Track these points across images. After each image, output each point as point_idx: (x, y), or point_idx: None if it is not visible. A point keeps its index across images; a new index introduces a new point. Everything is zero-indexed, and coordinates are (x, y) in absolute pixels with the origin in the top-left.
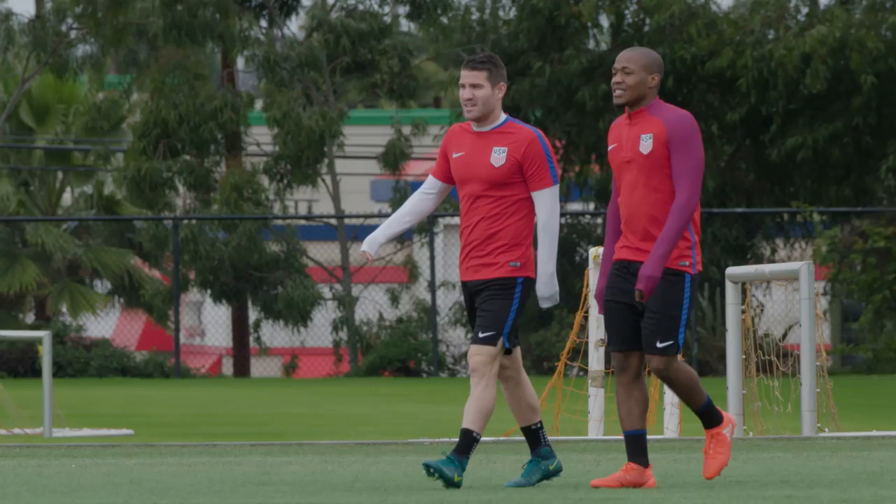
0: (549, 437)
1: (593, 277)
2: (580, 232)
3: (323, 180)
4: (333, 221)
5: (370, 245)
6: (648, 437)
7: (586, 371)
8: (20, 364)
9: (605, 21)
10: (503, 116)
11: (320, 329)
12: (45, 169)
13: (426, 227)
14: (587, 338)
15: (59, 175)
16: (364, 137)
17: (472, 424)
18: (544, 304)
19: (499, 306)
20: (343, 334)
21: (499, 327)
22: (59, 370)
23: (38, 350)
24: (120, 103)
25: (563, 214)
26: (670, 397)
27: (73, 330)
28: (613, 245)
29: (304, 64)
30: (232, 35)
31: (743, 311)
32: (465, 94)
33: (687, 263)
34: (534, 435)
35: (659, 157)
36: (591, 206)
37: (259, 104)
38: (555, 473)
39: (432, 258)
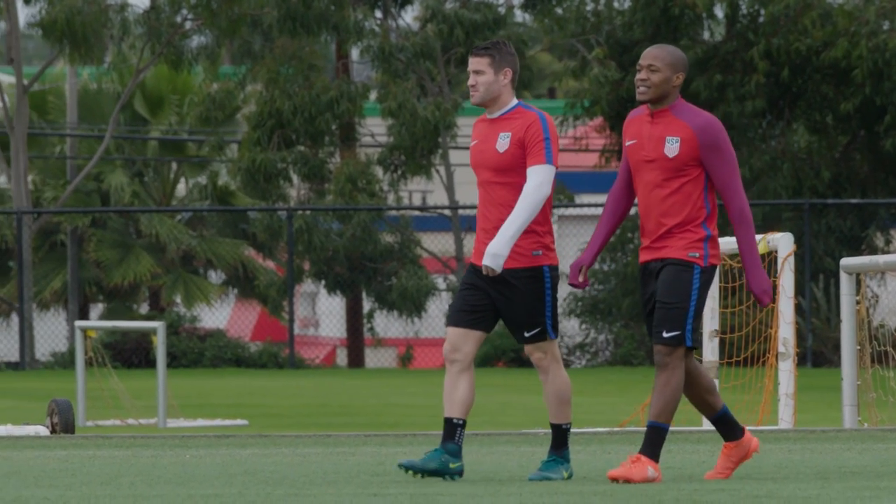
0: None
1: None
2: None
3: (437, 171)
4: (447, 212)
5: (496, 261)
6: (760, 427)
7: (700, 361)
8: (135, 355)
9: (719, 11)
10: (513, 102)
11: (434, 320)
12: (160, 160)
13: None
14: (701, 328)
15: (174, 166)
16: None
17: (558, 418)
18: (486, 260)
19: (534, 301)
20: None
21: (540, 321)
22: (174, 361)
23: (153, 341)
24: (234, 94)
25: None
26: (784, 387)
27: (187, 320)
28: (605, 228)
29: (418, 55)
30: (346, 26)
31: (858, 302)
32: (469, 80)
33: (697, 255)
34: (452, 429)
35: (684, 161)
36: None
37: (373, 95)
38: (452, 473)
39: None
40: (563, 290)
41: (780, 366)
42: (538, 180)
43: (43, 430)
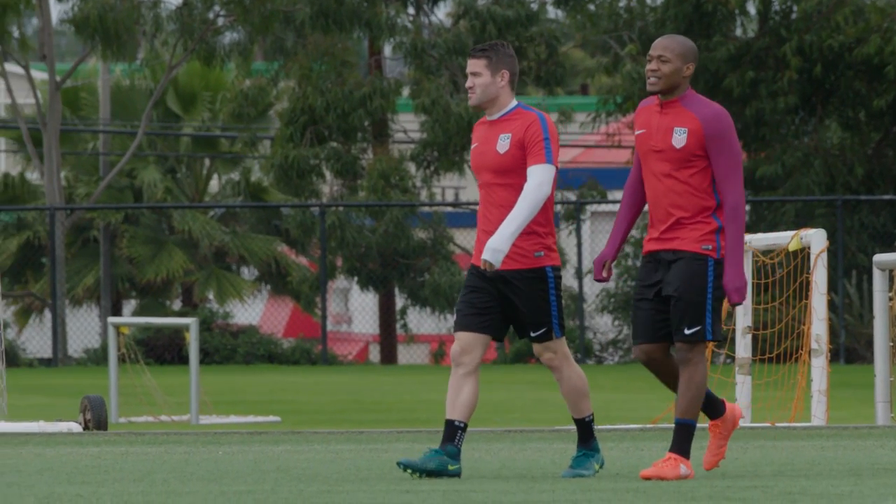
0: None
1: None
2: None
3: (469, 167)
4: None
5: (496, 257)
6: (793, 424)
7: (733, 358)
8: (167, 351)
9: (752, 8)
10: (513, 103)
11: None
12: (192, 156)
13: (573, 214)
14: (734, 325)
15: (206, 162)
16: None
17: (579, 413)
18: (486, 255)
19: (539, 301)
20: None
21: (546, 321)
22: (206, 357)
23: (185, 337)
24: (267, 90)
25: None
26: (817, 384)
27: (219, 317)
28: (625, 220)
29: (451, 51)
30: (379, 22)
31: (891, 299)
32: (467, 82)
33: (710, 247)
34: (453, 431)
35: (692, 151)
36: None
37: (406, 91)
38: (450, 474)
39: (579, 245)
40: (596, 286)
41: (813, 362)
42: (538, 180)
43: (76, 427)
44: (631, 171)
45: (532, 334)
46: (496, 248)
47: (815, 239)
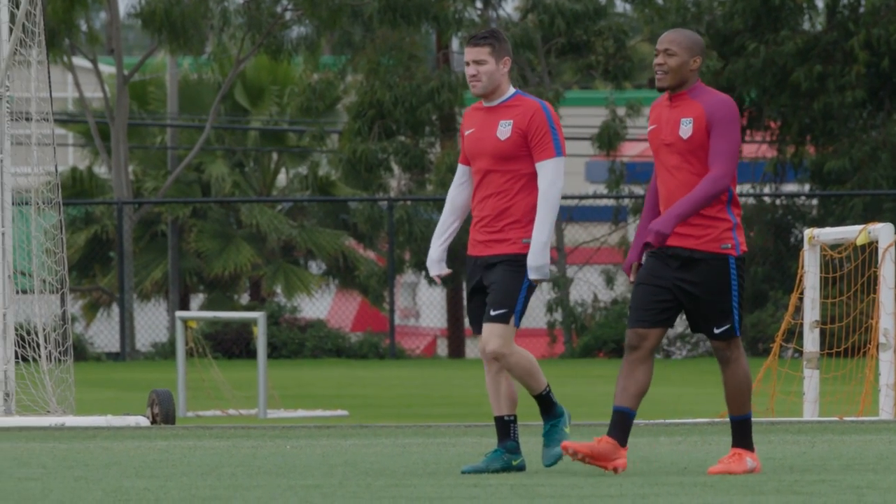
0: (765, 419)
1: (809, 258)
2: (795, 213)
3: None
4: None
5: (435, 266)
6: (861, 418)
7: (801, 352)
8: (235, 345)
9: (819, 2)
10: (511, 90)
11: (535, 310)
12: (260, 150)
13: (641, 206)
14: (802, 319)
15: (274, 156)
16: (579, 118)
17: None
18: (532, 275)
19: (510, 282)
20: (558, 315)
21: (510, 303)
22: (274, 351)
23: (253, 331)
24: (335, 84)
25: (777, 195)
26: (885, 378)
27: (287, 311)
28: (649, 221)
29: (518, 45)
30: (447, 16)
31: None
32: (469, 70)
33: (729, 246)
34: (505, 427)
35: (699, 141)
36: (806, 187)
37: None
38: (516, 469)
39: None
40: None
41: (881, 356)
42: (550, 177)
43: (143, 421)
44: (652, 174)
45: (492, 313)
46: (538, 265)
47: (883, 233)
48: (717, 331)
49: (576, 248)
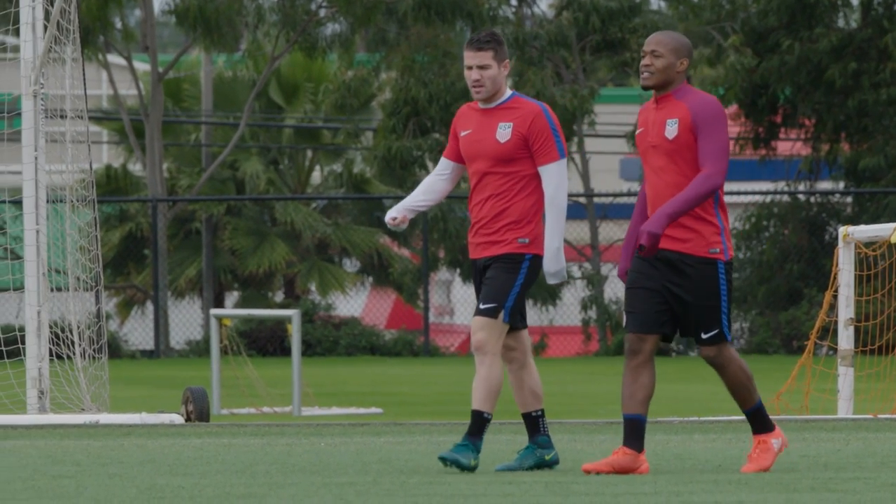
0: (800, 416)
1: (843, 256)
2: (829, 211)
3: (572, 158)
4: (583, 200)
5: (398, 210)
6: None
7: (836, 350)
8: (269, 343)
9: None
10: (509, 92)
11: (569, 308)
12: (295, 147)
13: None
14: (836, 317)
15: (309, 153)
16: (613, 116)
17: (482, 405)
18: (551, 280)
19: (504, 279)
20: (592, 313)
21: (500, 299)
22: (308, 349)
23: (288, 329)
24: (369, 82)
25: (811, 193)
26: None
27: (322, 308)
28: (637, 227)
29: (553, 42)
30: (481, 14)
31: None
32: (472, 75)
33: (717, 251)
34: (534, 422)
35: (684, 142)
36: (841, 184)
37: (509, 83)
38: (549, 464)
39: None
40: None
41: None
42: (556, 181)
43: (178, 419)
44: (643, 180)
45: (482, 307)
46: (555, 271)
47: None
48: (704, 336)
49: (610, 246)
